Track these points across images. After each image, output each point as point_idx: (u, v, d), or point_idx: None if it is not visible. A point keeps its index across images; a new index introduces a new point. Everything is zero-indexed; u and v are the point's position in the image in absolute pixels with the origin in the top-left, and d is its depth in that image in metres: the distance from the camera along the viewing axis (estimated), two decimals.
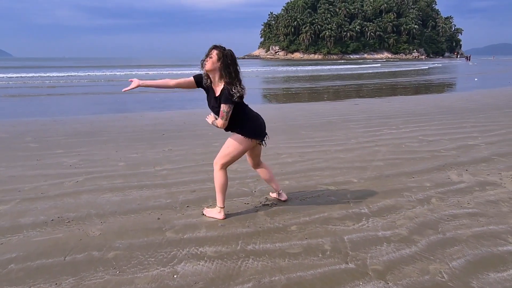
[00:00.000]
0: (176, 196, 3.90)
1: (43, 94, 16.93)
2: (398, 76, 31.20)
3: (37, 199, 3.78)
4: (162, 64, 53.08)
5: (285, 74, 34.35)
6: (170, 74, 30.73)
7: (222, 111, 3.07)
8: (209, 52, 3.08)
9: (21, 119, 9.28)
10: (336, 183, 4.31)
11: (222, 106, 3.06)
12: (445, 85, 23.10)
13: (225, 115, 3.09)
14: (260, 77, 29.75)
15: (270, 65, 55.35)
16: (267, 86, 22.29)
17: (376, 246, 2.86)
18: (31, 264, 2.61)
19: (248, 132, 3.26)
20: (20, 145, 6.20)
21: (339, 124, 8.16)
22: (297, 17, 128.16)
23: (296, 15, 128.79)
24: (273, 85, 22.29)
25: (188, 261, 2.66)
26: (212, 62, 3.04)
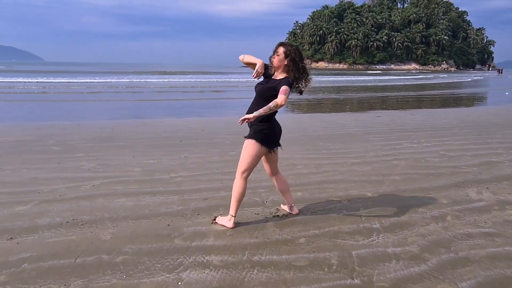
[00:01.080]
0: (188, 204, 3.95)
1: (68, 99, 17.55)
2: (426, 88, 30.57)
3: (55, 201, 3.92)
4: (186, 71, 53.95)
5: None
6: (190, 81, 31.28)
7: (285, 89, 3.09)
8: (276, 49, 3.20)
9: (46, 122, 9.66)
10: (350, 197, 4.26)
11: (284, 86, 3.10)
12: (474, 99, 22.46)
13: (287, 93, 3.10)
14: None
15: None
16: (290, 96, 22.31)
17: (384, 263, 2.80)
18: (44, 265, 2.71)
19: (260, 137, 3.27)
20: (43, 147, 6.45)
21: (358, 136, 8.06)
22: (322, 26, 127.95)
23: (322, 24, 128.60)
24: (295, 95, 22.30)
25: (193, 269, 2.69)
26: (279, 59, 3.18)
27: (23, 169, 5.10)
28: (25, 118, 11.13)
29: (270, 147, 3.37)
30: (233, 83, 30.16)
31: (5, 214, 3.60)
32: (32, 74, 36.79)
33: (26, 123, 9.57)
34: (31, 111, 13.26)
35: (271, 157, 3.52)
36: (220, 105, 15.78)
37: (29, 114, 12.31)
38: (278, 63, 3.20)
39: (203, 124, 9.56)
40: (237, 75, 44.67)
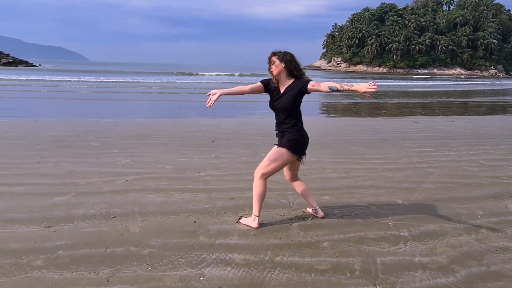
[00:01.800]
0: (215, 202, 4.02)
1: (111, 98, 18.31)
2: (470, 94, 29.20)
3: (90, 194, 4.13)
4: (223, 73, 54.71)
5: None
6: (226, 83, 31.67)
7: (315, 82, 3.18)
8: (270, 60, 3.27)
9: (87, 119, 10.16)
10: (379, 203, 4.17)
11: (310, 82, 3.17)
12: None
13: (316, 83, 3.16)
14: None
15: (332, 77, 54.67)
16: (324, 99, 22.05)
17: (410, 272, 2.72)
18: (76, 252, 2.86)
19: (292, 146, 3.30)
20: (83, 143, 6.80)
21: (393, 142, 7.85)
22: (362, 28, 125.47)
23: (362, 27, 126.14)
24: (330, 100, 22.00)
25: (216, 266, 2.74)
26: (275, 66, 3.24)
27: (63, 162, 5.40)
28: (68, 114, 11.76)
29: (299, 156, 3.39)
30: None
31: (45, 203, 3.84)
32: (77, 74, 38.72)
33: (68, 119, 10.10)
34: (75, 108, 13.99)
35: (295, 165, 3.56)
36: (252, 107, 15.88)
37: (71, 111, 12.99)
38: (277, 69, 3.23)
39: (235, 125, 9.68)
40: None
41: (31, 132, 7.85)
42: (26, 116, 10.91)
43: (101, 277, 2.54)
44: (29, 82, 26.80)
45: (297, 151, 3.34)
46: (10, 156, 5.76)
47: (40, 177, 4.71)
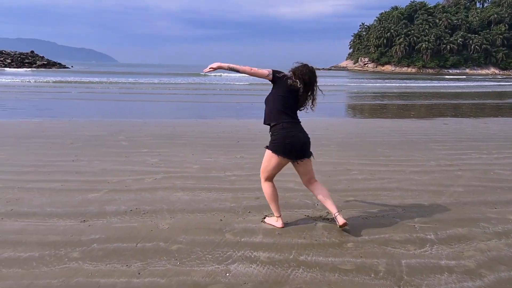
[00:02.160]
0: (240, 201, 4.11)
1: (139, 99, 18.81)
2: (506, 95, 28.08)
3: (121, 191, 4.31)
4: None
5: (373, 88, 33.17)
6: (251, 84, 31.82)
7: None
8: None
9: (117, 119, 10.52)
10: (405, 206, 4.13)
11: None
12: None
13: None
14: (346, 91, 29.21)
15: (358, 78, 53.86)
16: (352, 100, 21.82)
17: (436, 275, 2.71)
18: (109, 246, 3.02)
19: (272, 146, 3.36)
20: (113, 142, 7.06)
21: (420, 144, 7.70)
22: (390, 28, 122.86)
23: (390, 26, 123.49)
24: (357, 101, 21.73)
25: (241, 263, 2.82)
26: None
27: (96, 161, 5.64)
28: (100, 115, 12.19)
29: (288, 157, 3.32)
30: None
31: (80, 199, 4.04)
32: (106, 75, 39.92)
33: (100, 120, 10.49)
34: (106, 109, 14.48)
35: (300, 168, 3.45)
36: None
37: (103, 112, 13.46)
38: None
39: (260, 126, 9.73)
40: None
41: (65, 131, 8.21)
42: (61, 116, 11.41)
43: (133, 270, 2.67)
44: (63, 83, 27.89)
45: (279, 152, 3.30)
46: (47, 154, 6.06)
47: (75, 175, 4.94)
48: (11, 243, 3.01)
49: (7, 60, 60.66)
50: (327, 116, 12.87)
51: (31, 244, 3.01)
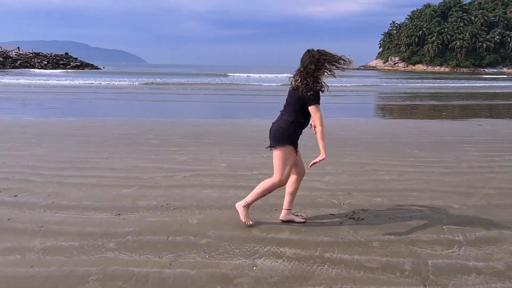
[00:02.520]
0: (266, 199, 4.17)
1: (168, 99, 19.26)
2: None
3: (152, 187, 4.49)
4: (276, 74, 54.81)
5: (404, 88, 32.42)
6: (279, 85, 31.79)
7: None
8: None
9: (147, 119, 10.85)
10: (433, 207, 4.08)
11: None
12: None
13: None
14: (376, 91, 28.71)
15: (389, 77, 52.67)
16: (381, 101, 21.46)
17: (463, 275, 2.69)
18: (143, 238, 3.18)
19: None
20: (144, 140, 7.32)
21: (452, 145, 7.52)
22: (423, 26, 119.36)
23: (422, 24, 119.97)
24: (387, 101, 21.35)
25: (267, 258, 2.90)
26: None
27: (128, 158, 5.88)
28: (130, 114, 12.61)
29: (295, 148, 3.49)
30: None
31: (114, 194, 4.25)
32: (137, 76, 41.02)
33: (131, 119, 10.86)
34: (136, 108, 14.94)
35: None
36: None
37: (134, 111, 13.89)
38: None
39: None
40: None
41: (99, 130, 8.57)
42: (94, 116, 11.89)
43: (165, 261, 2.81)
44: (96, 85, 28.92)
45: None
46: (82, 151, 6.37)
47: (109, 171, 5.18)
48: (53, 233, 3.23)
49: (43, 62, 63.51)
50: (355, 117, 12.76)
51: (71, 234, 3.22)
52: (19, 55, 62.42)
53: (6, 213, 3.65)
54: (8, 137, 7.39)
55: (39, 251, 2.92)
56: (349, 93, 23.27)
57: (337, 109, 15.58)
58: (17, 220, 3.49)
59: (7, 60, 58.07)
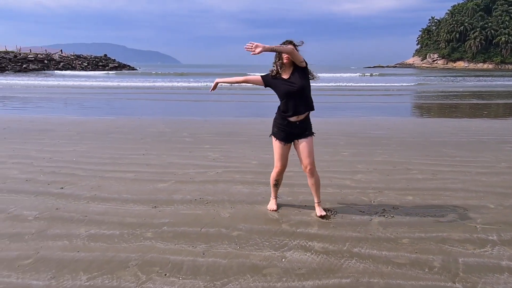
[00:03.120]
0: (296, 195, 4.27)
1: (201, 99, 19.66)
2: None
3: (187, 182, 4.68)
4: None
5: (447, 87, 31.28)
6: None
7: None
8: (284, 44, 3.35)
9: (182, 117, 11.17)
10: (467, 206, 4.00)
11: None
12: None
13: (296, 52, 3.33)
14: (414, 90, 27.90)
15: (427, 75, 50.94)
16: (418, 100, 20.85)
17: (495, 274, 2.66)
18: (177, 229, 3.35)
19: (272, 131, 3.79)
20: (178, 138, 7.58)
21: (491, 145, 7.25)
22: (464, 21, 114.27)
23: (464, 19, 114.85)
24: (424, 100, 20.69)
25: (296, 250, 2.99)
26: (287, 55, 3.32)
27: (163, 155, 6.14)
28: (166, 113, 13.02)
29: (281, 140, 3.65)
30: (351, 87, 29.56)
31: (151, 188, 4.47)
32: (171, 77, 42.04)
33: (166, 117, 11.23)
34: (171, 108, 15.41)
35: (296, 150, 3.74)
36: (340, 107, 15.75)
37: (170, 110, 14.34)
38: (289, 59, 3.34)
39: (319, 124, 9.74)
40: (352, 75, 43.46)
41: (136, 128, 8.95)
42: (132, 114, 12.39)
43: (198, 251, 2.96)
44: (133, 85, 29.98)
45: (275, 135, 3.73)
46: (121, 148, 6.71)
47: (146, 166, 5.44)
48: (96, 222, 3.48)
49: (84, 63, 66.45)
50: (390, 116, 12.51)
51: (112, 223, 3.45)
52: (62, 57, 65.66)
53: (54, 203, 3.95)
54: (54, 135, 7.89)
55: (84, 238, 3.17)
56: (384, 92, 22.77)
57: (371, 108, 15.34)
58: (64, 210, 3.78)
59: (51, 62, 61.22)
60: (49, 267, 2.72)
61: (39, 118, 10.62)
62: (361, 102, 17.99)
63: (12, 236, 3.20)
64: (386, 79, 33.20)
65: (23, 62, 57.12)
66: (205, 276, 2.63)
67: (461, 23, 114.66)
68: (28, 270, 2.68)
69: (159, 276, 2.61)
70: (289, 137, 3.60)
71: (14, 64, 55.02)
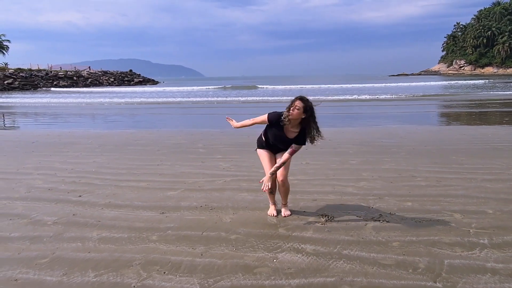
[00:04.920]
0: (297, 202, 4.45)
1: (219, 113, 20.10)
2: None
3: (195, 190, 4.95)
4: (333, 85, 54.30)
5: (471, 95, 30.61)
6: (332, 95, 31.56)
7: (295, 150, 3.74)
8: (294, 103, 3.60)
9: (198, 129, 11.55)
10: (465, 212, 4.07)
11: (296, 146, 3.73)
12: None
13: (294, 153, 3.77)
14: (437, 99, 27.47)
15: (451, 81, 49.88)
16: (439, 109, 20.55)
17: (477, 275, 2.76)
18: (181, 233, 3.60)
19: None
20: (193, 149, 7.90)
21: (504, 152, 7.19)
22: (492, 26, 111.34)
23: (491, 24, 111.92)
24: (444, 109, 20.36)
25: (288, 252, 3.18)
26: (298, 113, 3.58)
27: (176, 165, 6.45)
28: (184, 125, 13.45)
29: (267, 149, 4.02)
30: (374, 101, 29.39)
31: (160, 196, 4.77)
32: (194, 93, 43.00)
33: (183, 130, 11.63)
34: (189, 121, 15.87)
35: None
36: (354, 117, 15.78)
37: (187, 122, 14.79)
38: (298, 116, 3.56)
39: (331, 134, 9.89)
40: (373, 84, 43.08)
41: (154, 140, 9.36)
42: (152, 127, 12.89)
43: (197, 252, 3.20)
44: (155, 101, 30.91)
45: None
46: (138, 159, 7.08)
47: (158, 176, 5.76)
48: (107, 226, 3.78)
49: (110, 79, 68.99)
50: (406, 124, 12.47)
51: (122, 228, 3.75)
52: (90, 74, 68.39)
53: (72, 210, 4.30)
54: (77, 148, 8.38)
55: (95, 240, 3.47)
56: (407, 102, 22.56)
57: (385, 117, 15.29)
58: (80, 216, 4.12)
59: (80, 79, 63.90)
60: (62, 266, 3.02)
61: (65, 132, 11.26)
62: (379, 112, 17.92)
63: (32, 238, 3.54)
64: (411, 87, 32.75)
65: (54, 79, 59.94)
66: (201, 274, 2.85)
67: (489, 28, 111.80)
68: (44, 268, 2.99)
69: (159, 273, 2.86)
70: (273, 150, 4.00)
71: (45, 82, 57.84)
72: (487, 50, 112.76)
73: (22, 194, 4.93)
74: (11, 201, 4.65)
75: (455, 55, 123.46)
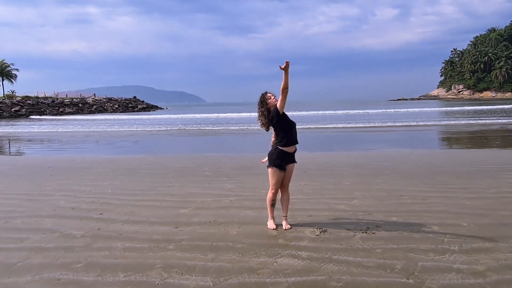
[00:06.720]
0: (295, 218, 5.01)
1: (223, 140, 20.79)
2: None
3: (203, 208, 5.52)
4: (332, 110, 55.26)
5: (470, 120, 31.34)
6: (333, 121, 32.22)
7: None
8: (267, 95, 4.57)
9: (204, 154, 12.19)
10: (443, 225, 4.62)
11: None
12: None
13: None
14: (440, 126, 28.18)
15: (454, 105, 50.89)
16: (444, 129, 21.19)
17: (444, 273, 3.30)
18: (193, 243, 4.16)
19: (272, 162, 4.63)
20: (199, 172, 8.51)
21: (488, 173, 7.75)
22: (488, 51, 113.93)
23: (488, 50, 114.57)
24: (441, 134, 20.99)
25: (286, 257, 3.73)
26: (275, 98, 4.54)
27: (185, 186, 7.04)
28: (189, 150, 14.10)
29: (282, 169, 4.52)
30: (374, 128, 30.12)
31: (173, 213, 5.34)
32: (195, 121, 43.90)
33: (189, 154, 12.27)
34: (196, 145, 16.53)
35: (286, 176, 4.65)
36: (354, 140, 16.41)
37: (194, 147, 15.44)
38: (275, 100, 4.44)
39: (329, 158, 10.52)
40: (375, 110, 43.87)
41: (163, 164, 9.97)
42: (160, 152, 13.53)
43: (208, 258, 3.76)
44: (163, 129, 31.75)
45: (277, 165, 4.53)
46: (149, 181, 7.67)
47: (170, 196, 6.34)
48: (129, 238, 4.35)
49: (115, 106, 70.41)
50: (402, 148, 13.08)
51: (142, 239, 4.31)
52: (95, 100, 69.95)
53: (96, 225, 4.87)
54: (92, 172, 9.00)
55: (120, 250, 4.03)
56: (401, 128, 23.24)
57: (382, 141, 15.92)
58: (103, 230, 4.68)
59: (85, 105, 65.35)
60: (95, 269, 3.58)
61: (77, 158, 11.91)
62: (376, 136, 18.57)
63: (66, 249, 4.11)
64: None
65: (60, 106, 61.30)
66: (212, 274, 3.40)
67: (485, 53, 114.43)
68: (80, 271, 3.55)
69: (178, 274, 3.41)
70: (285, 166, 4.47)
71: (51, 109, 59.13)
72: (484, 75, 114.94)
73: (49, 213, 5.51)
74: (41, 218, 5.24)
75: (453, 80, 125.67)
